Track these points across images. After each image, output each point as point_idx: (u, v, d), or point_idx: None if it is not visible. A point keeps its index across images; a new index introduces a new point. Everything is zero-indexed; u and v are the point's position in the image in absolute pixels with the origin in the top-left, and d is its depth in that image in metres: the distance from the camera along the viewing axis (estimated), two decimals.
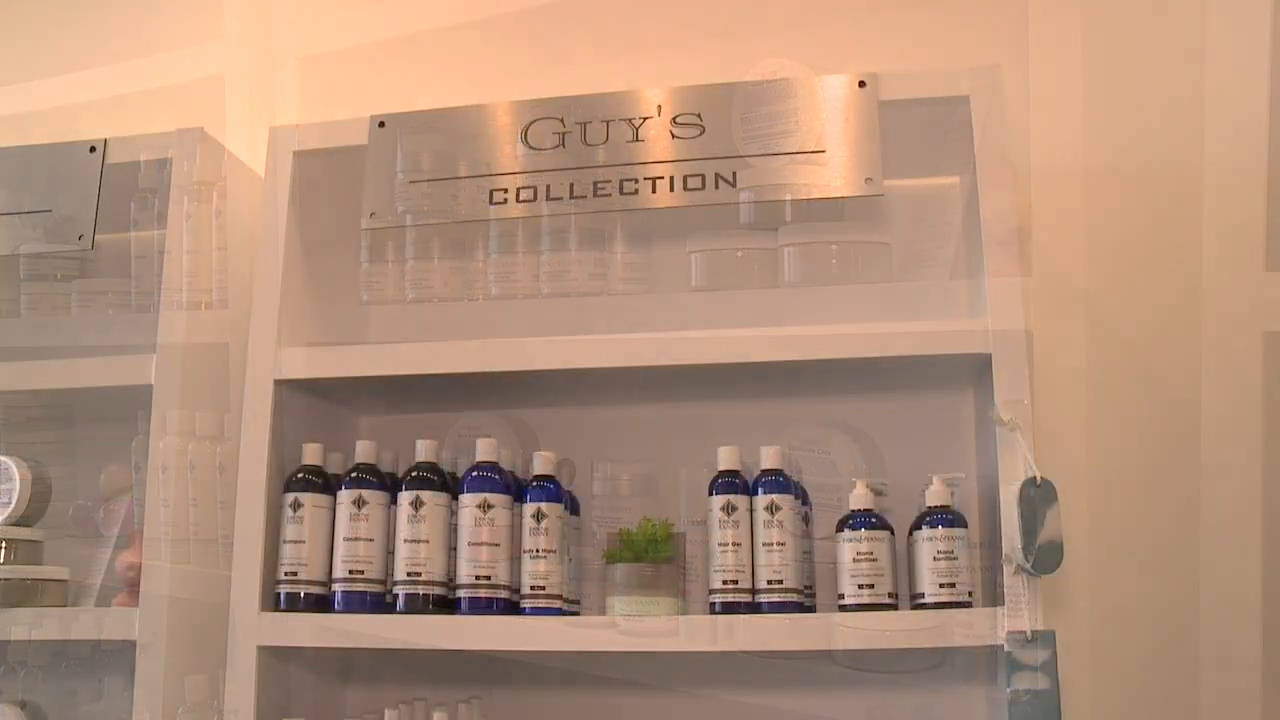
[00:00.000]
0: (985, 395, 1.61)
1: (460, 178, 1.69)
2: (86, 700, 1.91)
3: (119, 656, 1.66)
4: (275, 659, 1.66)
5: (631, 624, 1.55)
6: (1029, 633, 1.44)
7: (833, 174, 1.60)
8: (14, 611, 1.70)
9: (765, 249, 1.78)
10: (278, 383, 1.69)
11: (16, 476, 1.77)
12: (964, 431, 1.80)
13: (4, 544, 1.75)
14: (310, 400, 1.81)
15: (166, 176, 1.77)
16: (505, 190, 1.67)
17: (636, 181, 1.64)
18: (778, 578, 1.55)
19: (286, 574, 1.65)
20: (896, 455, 1.79)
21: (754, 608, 1.56)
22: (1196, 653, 1.75)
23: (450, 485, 1.65)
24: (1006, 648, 1.44)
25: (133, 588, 1.70)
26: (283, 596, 1.65)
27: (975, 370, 1.66)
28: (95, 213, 1.77)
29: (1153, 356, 1.84)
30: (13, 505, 1.76)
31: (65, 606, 1.75)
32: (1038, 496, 1.46)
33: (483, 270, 1.78)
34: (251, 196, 1.87)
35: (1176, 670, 1.75)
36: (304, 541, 1.65)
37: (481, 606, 1.59)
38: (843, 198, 1.61)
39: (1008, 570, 1.47)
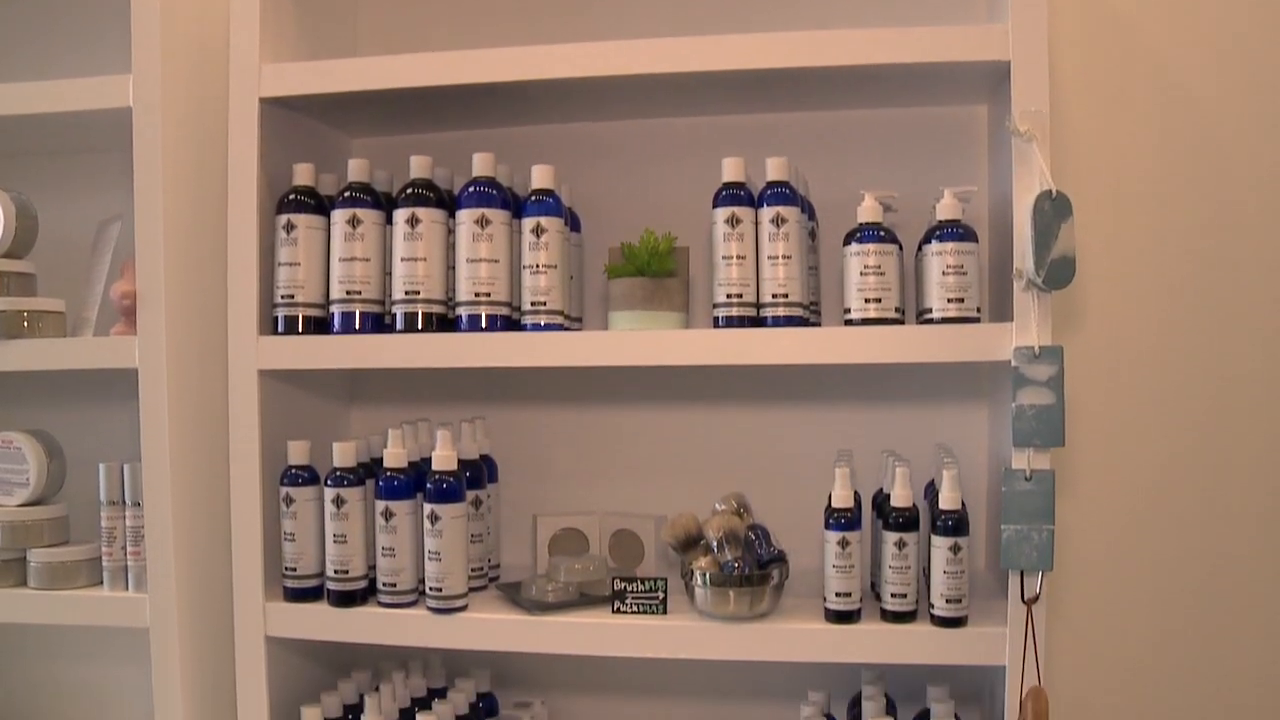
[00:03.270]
0: (1001, 108, 1.55)
1: None
2: (95, 427, 1.94)
3: (123, 383, 1.65)
4: (277, 381, 1.66)
5: (634, 338, 1.54)
6: (1037, 348, 1.42)
7: None
8: (14, 343, 1.68)
9: None
10: (263, 101, 1.62)
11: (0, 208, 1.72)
12: (977, 146, 1.75)
13: None
14: (299, 120, 1.74)
15: None
16: None
17: None
18: (782, 291, 1.52)
19: (283, 297, 1.62)
20: (907, 169, 1.74)
21: (758, 322, 1.54)
22: (1209, 371, 1.75)
23: (447, 202, 1.61)
24: (1013, 363, 1.42)
25: (129, 316, 1.68)
26: (280, 320, 1.63)
27: (991, 81, 1.58)
28: None
29: (1176, 67, 1.76)
30: None
31: (64, 337, 1.74)
32: (1052, 210, 1.41)
33: None
34: None
35: (1186, 390, 1.76)
36: (299, 264, 1.61)
37: (482, 323, 1.57)
38: None
39: (1018, 285, 1.44)
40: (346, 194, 1.61)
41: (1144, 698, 1.81)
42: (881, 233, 1.52)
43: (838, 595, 1.50)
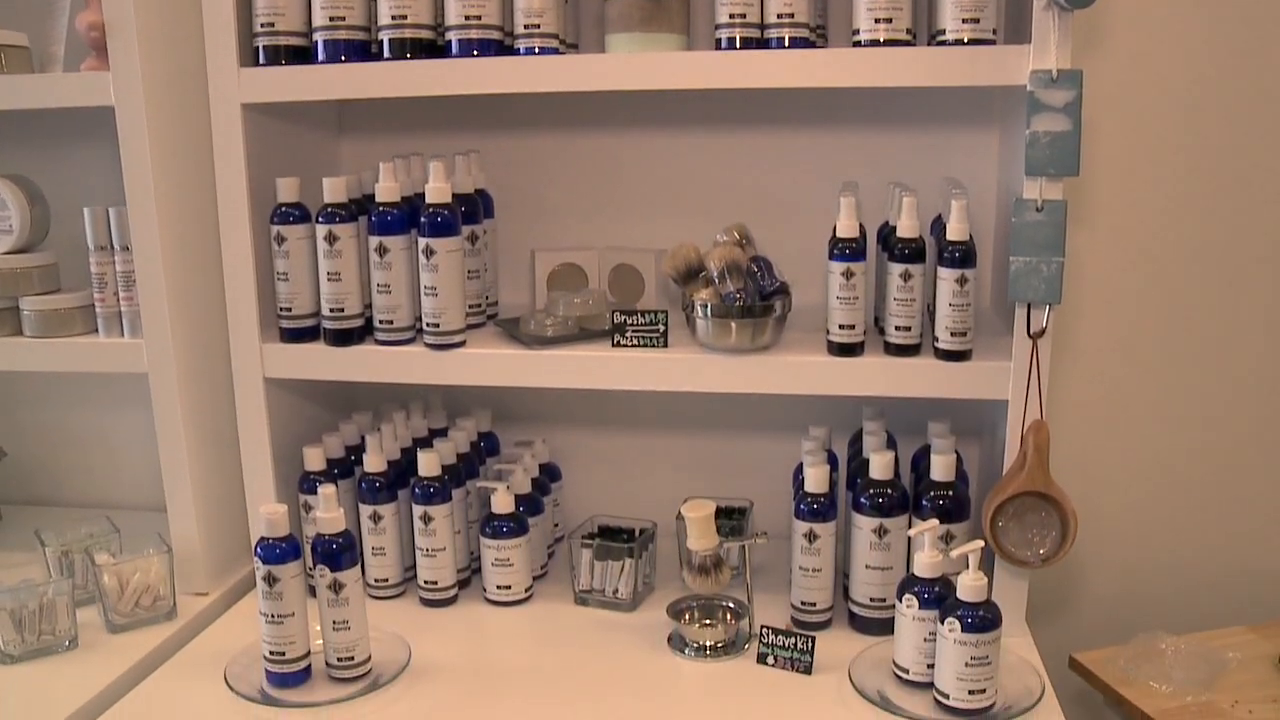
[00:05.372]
0: None
1: None
2: (74, 170, 1.88)
3: (97, 121, 1.59)
4: (261, 115, 1.60)
5: (632, 60, 1.46)
6: (1055, 71, 1.35)
7: None
8: None
9: None
10: None
11: None
12: None
13: None
14: None
15: None
16: None
17: None
18: (788, 10, 1.44)
19: (263, 26, 1.54)
20: None
21: (762, 44, 1.46)
22: (1235, 96, 1.68)
23: None
24: (1029, 87, 1.35)
25: (99, 49, 1.60)
26: (262, 50, 1.55)
27: None
28: None
29: None
30: None
31: (31, 74, 1.66)
32: None
33: None
34: None
35: (1211, 116, 1.69)
36: None
37: (473, 49, 1.49)
38: None
39: (1037, 4, 1.35)
40: None
41: (1146, 433, 1.82)
42: None
43: (841, 328, 1.48)
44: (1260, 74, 1.67)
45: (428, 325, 1.55)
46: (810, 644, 1.46)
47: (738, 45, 1.47)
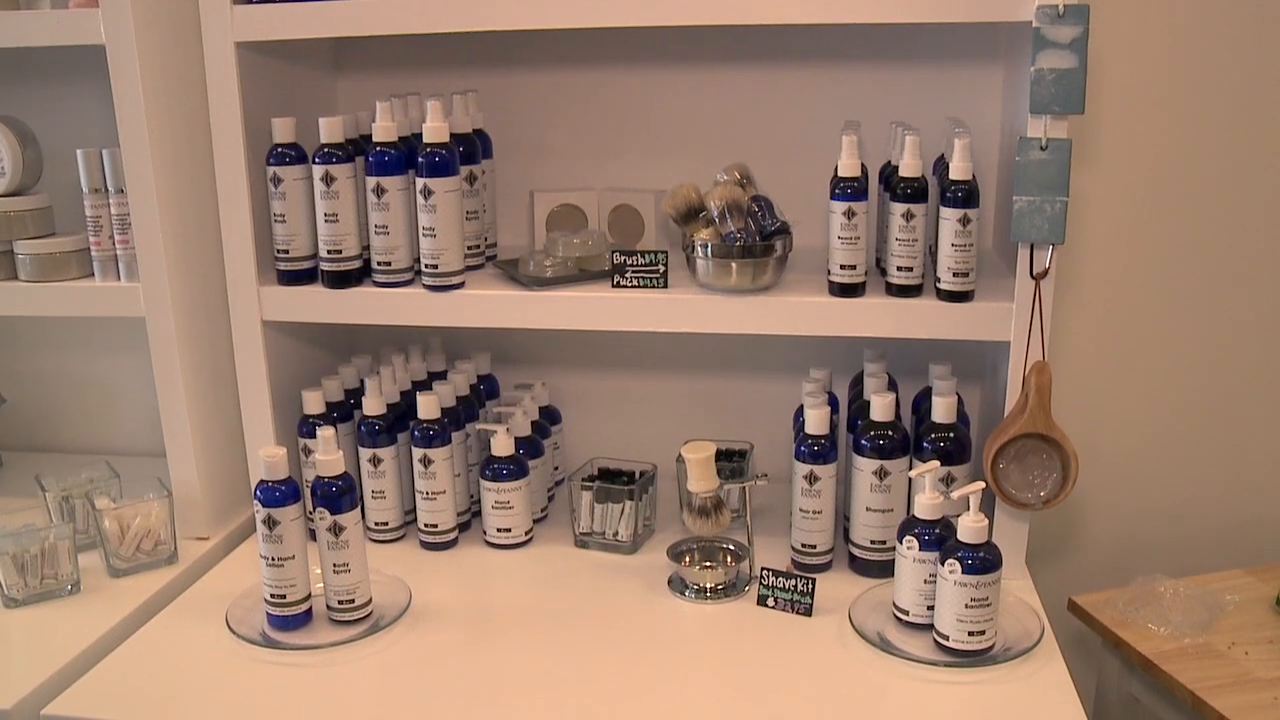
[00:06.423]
0: None
1: None
2: (66, 112, 1.86)
3: (88, 61, 1.56)
4: (256, 54, 1.58)
5: None
6: (1061, 7, 1.32)
7: None
8: None
9: None
10: None
11: None
12: None
13: None
14: None
15: None
16: None
17: None
18: None
19: None
20: None
21: None
22: (1246, 33, 1.65)
23: None
24: (1035, 23, 1.33)
25: None
26: None
27: None
28: None
29: None
30: None
31: (16, 10, 1.63)
32: None
33: None
34: None
35: (1220, 52, 1.67)
36: None
37: None
38: None
39: None
40: None
41: (1149, 376, 1.82)
42: None
43: (843, 268, 1.46)
44: (1268, 10, 1.64)
45: (426, 266, 1.54)
46: (810, 586, 1.47)
47: None
